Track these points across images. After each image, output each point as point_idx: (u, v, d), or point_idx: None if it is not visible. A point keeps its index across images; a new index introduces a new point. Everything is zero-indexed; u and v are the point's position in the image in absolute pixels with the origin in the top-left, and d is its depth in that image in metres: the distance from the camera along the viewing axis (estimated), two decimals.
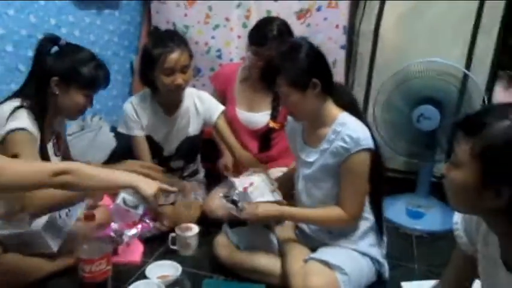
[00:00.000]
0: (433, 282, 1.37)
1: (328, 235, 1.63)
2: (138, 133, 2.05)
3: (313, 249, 1.63)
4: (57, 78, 1.64)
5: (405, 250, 2.04)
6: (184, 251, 1.89)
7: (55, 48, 1.69)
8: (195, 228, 1.92)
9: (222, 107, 2.12)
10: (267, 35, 2.05)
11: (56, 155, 1.77)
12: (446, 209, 2.18)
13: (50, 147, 1.74)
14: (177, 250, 1.90)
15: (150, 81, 1.99)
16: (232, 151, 2.08)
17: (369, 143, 1.50)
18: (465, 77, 2.13)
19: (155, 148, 2.10)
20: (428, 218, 2.26)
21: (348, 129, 1.50)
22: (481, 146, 0.89)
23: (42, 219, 1.59)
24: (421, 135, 2.21)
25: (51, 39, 1.69)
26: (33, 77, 1.69)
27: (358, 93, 2.51)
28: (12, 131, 1.52)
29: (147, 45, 1.97)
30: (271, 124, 2.23)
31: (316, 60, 1.54)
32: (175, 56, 1.88)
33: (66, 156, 1.91)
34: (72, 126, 2.48)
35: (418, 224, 2.24)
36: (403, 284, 1.73)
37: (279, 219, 1.69)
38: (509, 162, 0.87)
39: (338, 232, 1.61)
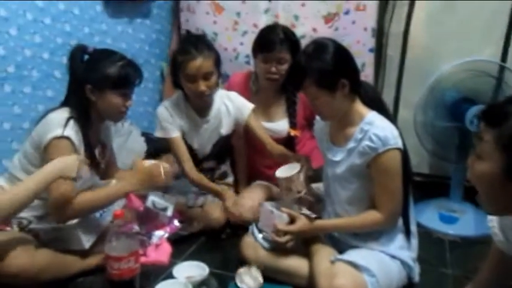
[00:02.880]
0: None
1: (355, 237, 1.60)
2: (176, 134, 2.04)
3: (340, 251, 1.60)
4: (90, 86, 1.68)
5: (438, 255, 1.98)
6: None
7: (86, 57, 1.74)
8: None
9: (251, 105, 2.13)
10: (274, 39, 2.06)
11: (100, 163, 1.83)
12: (481, 213, 2.11)
13: (96, 154, 1.79)
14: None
15: (180, 85, 2.02)
16: (265, 146, 2.06)
17: (397, 142, 1.47)
18: (501, 74, 2.06)
19: (189, 150, 2.10)
20: (462, 222, 2.19)
21: (376, 128, 1.47)
22: (504, 137, 0.86)
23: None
24: (455, 137, 2.15)
25: (80, 49, 1.74)
26: (71, 88, 1.75)
27: (388, 95, 2.48)
28: (55, 138, 1.58)
29: (175, 51, 2.02)
30: (292, 132, 2.23)
31: (344, 59, 1.53)
32: (196, 64, 1.88)
33: (110, 164, 1.95)
34: None
35: (452, 228, 2.17)
36: None
37: (311, 234, 1.66)
38: None
39: (365, 234, 1.58)
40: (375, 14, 2.56)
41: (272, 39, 2.07)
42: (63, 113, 1.65)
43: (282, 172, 1.71)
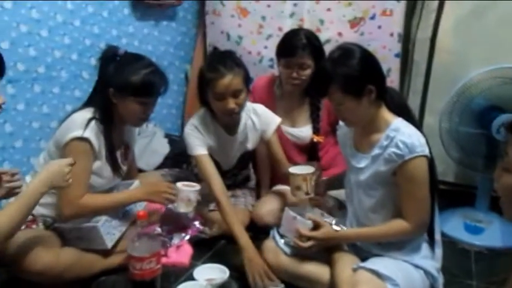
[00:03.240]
0: None
1: (377, 246, 1.58)
2: (203, 152, 1.96)
3: (363, 259, 1.58)
4: (113, 89, 1.67)
5: (463, 266, 1.93)
6: (183, 207, 1.79)
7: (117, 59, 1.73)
8: (196, 186, 1.83)
9: (278, 120, 2.09)
10: (296, 44, 2.04)
11: (122, 164, 1.84)
12: (507, 224, 2.07)
13: (118, 156, 1.80)
14: (175, 207, 1.80)
15: (207, 103, 1.96)
16: (279, 166, 2.05)
17: (424, 149, 1.44)
18: None
19: (215, 164, 2.02)
20: (488, 233, 2.13)
21: (402, 135, 1.44)
22: None
23: (102, 217, 1.67)
24: (481, 145, 2.11)
25: (111, 50, 1.73)
26: (96, 87, 1.76)
27: (414, 102, 2.44)
28: (75, 138, 1.59)
29: (202, 67, 1.95)
30: (316, 138, 2.21)
31: (370, 65, 1.51)
32: (225, 82, 1.82)
33: (131, 165, 1.96)
34: None
35: (477, 239, 2.11)
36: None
37: (334, 242, 1.63)
38: None
39: (388, 243, 1.55)
40: (402, 19, 2.53)
41: (294, 44, 2.05)
42: (86, 114, 1.66)
43: (295, 169, 1.72)
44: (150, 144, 2.53)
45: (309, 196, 1.73)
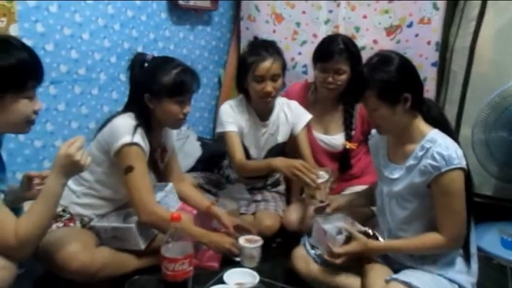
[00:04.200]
0: None
1: (411, 258, 1.55)
2: (233, 128, 2.07)
3: (395, 271, 1.56)
4: (148, 94, 1.69)
5: (499, 282, 1.88)
6: (247, 262, 1.86)
7: (146, 64, 1.75)
8: (259, 241, 1.88)
9: (308, 116, 2.14)
10: (333, 49, 2.05)
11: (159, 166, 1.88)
12: None
13: (156, 158, 1.83)
14: (240, 261, 1.86)
15: (244, 89, 2.08)
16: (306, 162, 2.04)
17: (461, 162, 1.40)
18: None
19: (245, 154, 2.11)
20: None
21: (439, 147, 1.41)
22: None
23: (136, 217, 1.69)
24: None
25: (140, 57, 1.76)
26: (131, 96, 1.78)
27: (450, 112, 2.39)
28: (126, 145, 1.62)
29: (244, 53, 2.09)
30: (348, 145, 2.20)
31: (408, 73, 1.49)
32: (266, 65, 1.95)
33: (169, 166, 1.96)
34: None
35: None
36: None
37: (366, 255, 1.61)
38: None
39: (421, 256, 1.53)
40: (440, 27, 2.49)
41: (331, 49, 2.06)
42: (129, 119, 1.68)
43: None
44: (183, 146, 2.56)
45: (323, 204, 1.75)
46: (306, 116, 2.14)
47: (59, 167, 1.30)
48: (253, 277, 1.69)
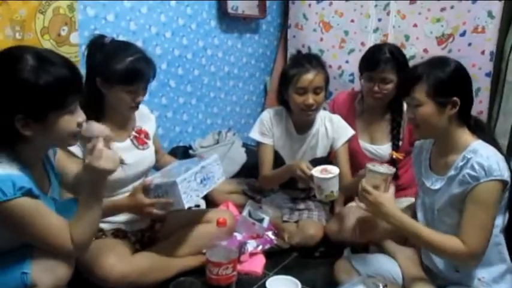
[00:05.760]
0: None
1: (456, 274, 1.49)
2: (268, 142, 2.11)
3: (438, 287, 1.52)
4: (100, 79, 1.62)
5: None
6: (317, 193, 1.81)
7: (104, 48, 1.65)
8: (330, 174, 1.78)
9: (351, 132, 2.11)
10: (379, 58, 2.02)
11: (138, 149, 1.80)
12: None
13: (127, 144, 1.76)
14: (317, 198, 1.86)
15: (284, 101, 2.07)
16: (342, 179, 1.96)
17: (503, 174, 1.34)
18: None
19: (280, 164, 2.12)
20: None
21: (480, 157, 1.36)
22: None
23: (181, 175, 1.62)
24: None
25: (99, 38, 1.66)
26: (86, 79, 1.63)
27: (504, 124, 2.31)
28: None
29: (286, 66, 2.07)
30: (395, 155, 2.15)
31: (463, 79, 1.46)
32: (309, 77, 1.94)
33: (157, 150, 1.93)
34: (207, 139, 2.69)
35: None
36: None
37: (390, 221, 1.50)
38: None
39: (467, 273, 1.47)
40: (495, 36, 2.41)
41: (377, 58, 2.04)
42: None
43: (317, 172, 1.76)
44: (228, 152, 2.60)
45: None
46: (348, 132, 2.10)
47: (89, 182, 1.29)
48: (296, 285, 1.69)
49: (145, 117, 1.89)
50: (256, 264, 1.89)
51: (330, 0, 2.89)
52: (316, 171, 1.79)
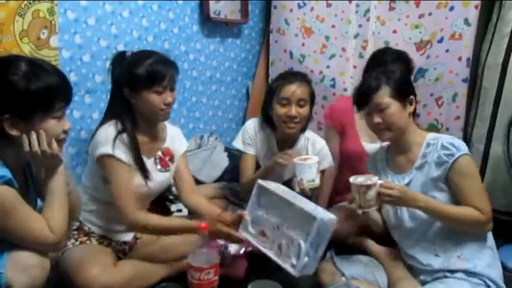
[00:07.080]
0: None
1: (438, 259, 1.56)
2: (251, 152, 2.11)
3: (422, 283, 1.57)
4: (127, 89, 1.68)
5: None
6: (300, 183, 1.78)
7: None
8: (309, 160, 1.79)
9: (330, 163, 2.09)
10: (386, 59, 2.08)
11: (159, 170, 1.81)
12: None
13: (151, 162, 1.78)
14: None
15: (269, 119, 2.04)
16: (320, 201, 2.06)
17: (466, 149, 1.53)
18: None
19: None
20: None
21: (445, 139, 1.55)
22: None
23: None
24: None
25: (120, 54, 1.75)
26: (112, 94, 1.76)
27: (481, 129, 2.35)
28: (106, 156, 1.63)
29: (272, 81, 2.09)
30: None
31: (410, 79, 1.72)
32: (292, 87, 1.92)
33: (179, 175, 1.90)
34: (189, 144, 2.67)
35: None
36: None
37: (419, 204, 1.53)
38: None
39: (446, 256, 1.54)
40: (472, 43, 2.46)
41: (382, 60, 2.09)
42: (110, 129, 1.66)
43: (354, 179, 1.67)
44: (210, 157, 2.60)
45: (371, 208, 1.58)
46: (327, 161, 2.09)
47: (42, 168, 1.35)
48: None
49: (176, 138, 1.90)
50: (238, 268, 1.88)
51: (311, 6, 2.92)
52: (297, 159, 1.80)
